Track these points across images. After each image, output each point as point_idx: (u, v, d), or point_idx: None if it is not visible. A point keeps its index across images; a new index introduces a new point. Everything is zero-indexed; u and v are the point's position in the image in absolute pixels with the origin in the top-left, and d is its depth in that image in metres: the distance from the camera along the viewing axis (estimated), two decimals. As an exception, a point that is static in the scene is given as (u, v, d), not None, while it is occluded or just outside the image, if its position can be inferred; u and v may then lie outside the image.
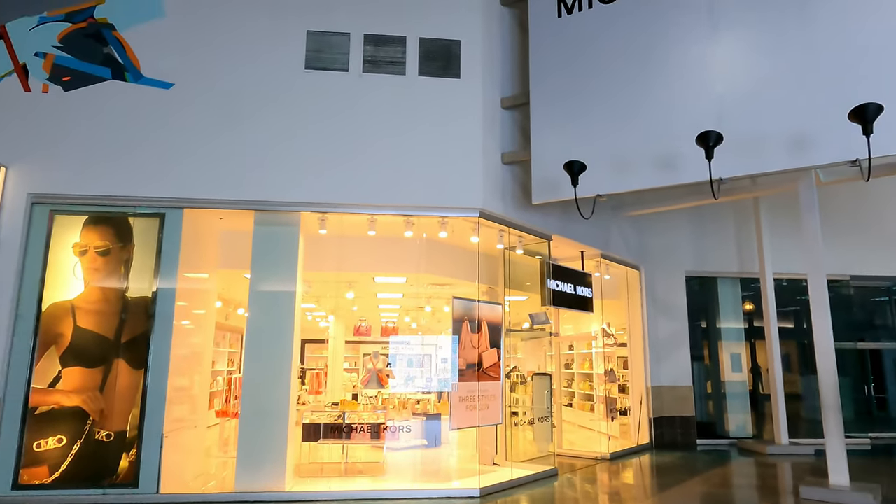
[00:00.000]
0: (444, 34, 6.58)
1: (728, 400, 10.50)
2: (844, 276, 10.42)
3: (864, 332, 12.87)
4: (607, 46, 6.20)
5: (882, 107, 4.30)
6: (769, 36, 5.42)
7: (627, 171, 5.90)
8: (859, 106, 4.33)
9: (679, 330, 9.93)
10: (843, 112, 4.79)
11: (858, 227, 10.37)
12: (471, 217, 6.41)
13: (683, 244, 10.15)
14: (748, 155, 5.36)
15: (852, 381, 13.50)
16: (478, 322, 6.89)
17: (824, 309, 6.24)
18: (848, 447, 6.07)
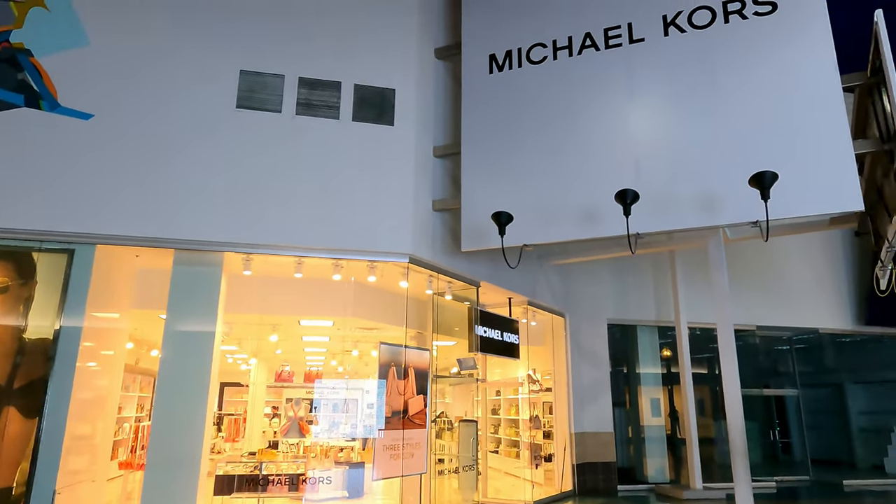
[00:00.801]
0: (380, 82, 6.70)
1: (647, 445, 10.81)
2: (751, 326, 11.11)
3: (770, 378, 13.69)
4: (535, 104, 6.51)
5: (777, 175, 4.73)
6: (682, 105, 5.88)
7: (552, 222, 6.13)
8: (758, 173, 4.74)
9: (601, 376, 10.20)
10: (746, 177, 5.21)
11: (764, 281, 11.15)
12: (400, 262, 6.42)
13: (606, 293, 10.55)
14: (662, 213, 5.70)
15: (759, 426, 14.26)
16: (405, 368, 6.83)
17: (732, 357, 6.62)
18: (755, 490, 6.37)
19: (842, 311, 11.51)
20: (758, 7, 5.76)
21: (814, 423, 15.79)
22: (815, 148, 5.25)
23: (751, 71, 5.63)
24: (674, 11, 6.11)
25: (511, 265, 6.36)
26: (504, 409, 12.60)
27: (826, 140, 5.22)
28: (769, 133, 5.42)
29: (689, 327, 10.43)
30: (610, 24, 6.35)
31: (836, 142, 5.18)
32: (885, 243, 6.17)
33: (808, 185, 5.19)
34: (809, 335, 12.00)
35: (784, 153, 5.30)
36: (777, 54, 5.57)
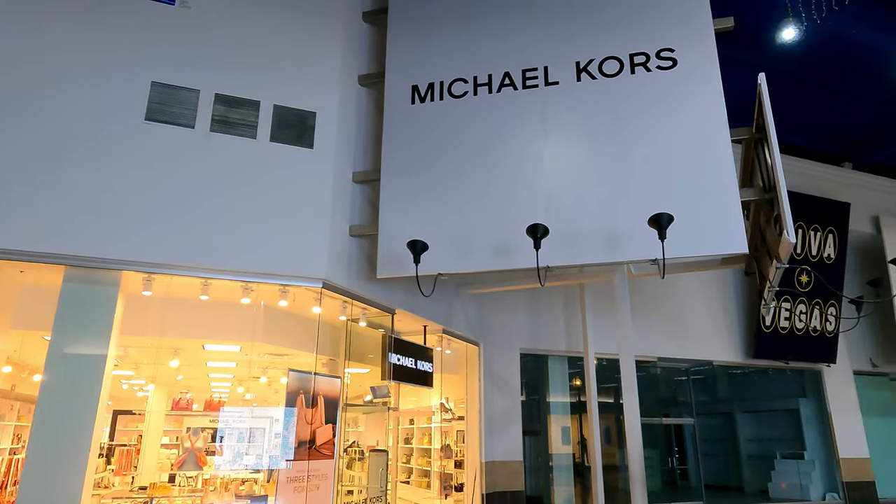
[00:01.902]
0: (301, 104, 6.64)
1: (556, 473, 11.04)
2: (653, 358, 11.71)
3: (669, 408, 14.43)
4: (455, 136, 6.67)
5: (672, 217, 5.08)
6: (591, 146, 6.22)
7: (468, 253, 6.24)
8: (655, 215, 5.08)
9: (513, 405, 10.36)
10: (646, 218, 5.55)
11: (665, 315, 11.83)
12: (313, 287, 6.30)
13: (520, 323, 10.80)
14: (571, 247, 5.96)
15: (660, 453, 14.95)
16: (314, 396, 6.64)
17: (633, 387, 6.94)
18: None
19: (733, 344, 12.37)
20: (660, 62, 6.25)
21: (708, 450, 16.76)
22: (706, 194, 5.70)
23: (652, 119, 6.07)
24: (586, 59, 6.50)
25: (425, 293, 6.39)
26: (417, 438, 12.50)
27: (716, 187, 5.68)
28: (667, 178, 5.83)
29: (598, 357, 10.84)
30: (528, 66, 6.65)
31: (724, 189, 5.65)
32: (766, 283, 6.74)
33: (700, 228, 5.61)
34: (705, 367, 12.79)
35: (679, 197, 5.71)
36: (675, 106, 6.05)
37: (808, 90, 11.19)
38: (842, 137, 13.00)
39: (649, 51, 6.31)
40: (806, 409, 13.29)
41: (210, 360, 8.94)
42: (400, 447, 13.23)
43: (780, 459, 13.53)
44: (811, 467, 12.76)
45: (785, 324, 12.29)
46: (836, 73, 10.62)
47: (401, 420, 13.38)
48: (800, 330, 12.42)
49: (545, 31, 6.76)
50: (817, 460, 12.80)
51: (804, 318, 12.43)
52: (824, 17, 8.95)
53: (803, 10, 7.21)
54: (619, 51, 6.42)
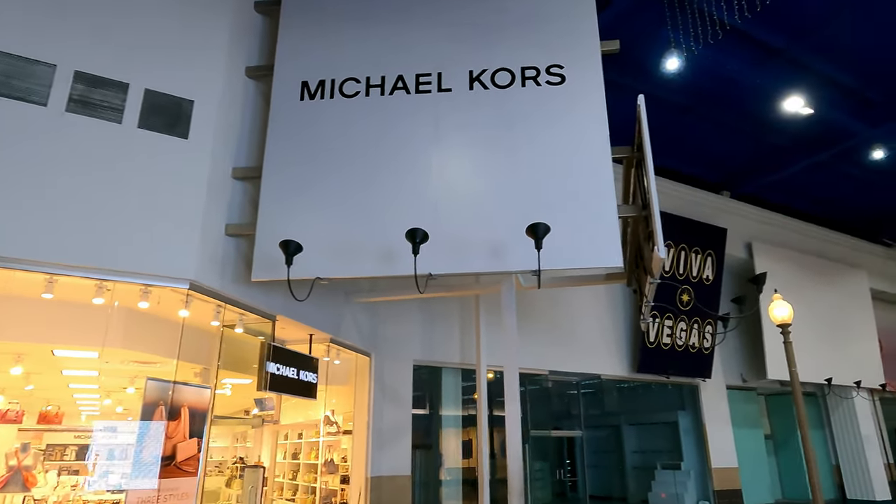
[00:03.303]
0: (177, 91, 6.15)
1: (447, 487, 10.89)
2: (544, 371, 11.91)
3: (561, 420, 14.77)
4: (344, 136, 6.43)
5: (549, 228, 5.12)
6: (479, 155, 6.20)
7: (351, 258, 5.99)
8: (532, 225, 5.10)
9: (403, 418, 10.13)
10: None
11: (558, 328, 12.09)
12: (179, 288, 5.79)
13: (414, 334, 10.62)
14: (456, 255, 5.87)
15: (550, 465, 15.24)
16: (176, 407, 6.09)
17: (515, 399, 6.93)
18: None
19: (620, 359, 12.85)
20: (549, 77, 6.36)
21: (597, 462, 17.33)
22: (586, 208, 5.81)
23: (539, 132, 6.14)
24: (479, 69, 6.50)
25: (298, 298, 6.05)
26: (305, 452, 11.95)
27: (596, 203, 5.81)
28: (550, 191, 5.90)
29: (493, 370, 10.89)
30: (422, 71, 6.56)
31: (603, 205, 5.79)
32: (644, 299, 6.99)
33: (578, 241, 5.71)
34: (594, 380, 13.19)
35: (561, 210, 5.79)
36: (562, 121, 6.16)
37: (693, 121, 11.94)
38: (722, 167, 14.01)
39: (540, 65, 6.41)
40: (684, 421, 14.03)
41: (66, 368, 8.05)
42: (287, 462, 12.61)
43: (660, 470, 14.18)
44: (687, 477, 13.45)
45: (667, 340, 12.95)
46: (718, 106, 11.41)
47: (290, 434, 12.77)
48: (680, 346, 13.13)
49: (442, 37, 6.71)
50: (692, 470, 13.53)
51: (684, 335, 13.17)
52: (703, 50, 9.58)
53: (684, 41, 7.65)
54: (511, 63, 6.48)
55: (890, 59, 10.22)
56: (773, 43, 9.67)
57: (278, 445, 13.25)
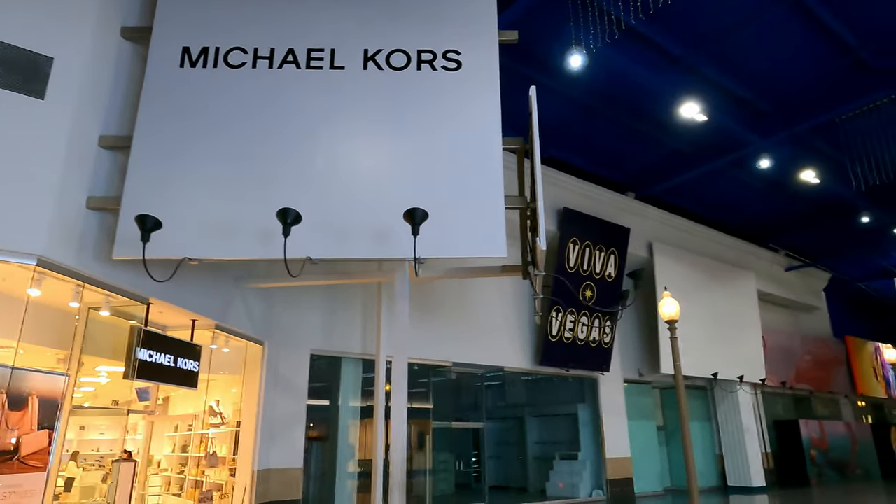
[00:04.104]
0: (34, 45, 5.54)
1: (344, 480, 10.64)
2: (447, 363, 11.88)
3: (465, 412, 14.86)
4: (227, 110, 6.03)
5: (427, 214, 5.00)
6: (368, 137, 5.99)
7: (225, 237, 5.63)
8: (410, 209, 4.96)
9: (297, 409, 9.80)
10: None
11: (464, 320, 12.09)
12: (26, 264, 5.23)
13: (313, 322, 10.29)
14: (338, 239, 5.64)
15: (454, 456, 15.32)
16: (21, 396, 5.52)
17: (402, 390, 6.80)
18: None
19: (524, 352, 13.05)
20: (446, 62, 6.23)
21: (500, 453, 17.62)
22: (474, 197, 5.74)
23: (432, 118, 6.01)
24: (374, 48, 6.28)
25: (158, 279, 5.61)
26: (194, 445, 11.33)
27: (484, 192, 5.75)
28: (439, 177, 5.79)
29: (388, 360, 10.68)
30: (314, 46, 6.26)
31: (491, 195, 5.74)
32: (534, 291, 7.04)
33: (465, 230, 5.63)
34: (497, 373, 13.32)
35: (449, 198, 5.69)
36: (455, 108, 6.06)
37: (601, 122, 12.24)
38: (627, 168, 14.49)
39: (437, 50, 6.27)
40: (584, 413, 14.48)
41: None
42: (176, 455, 11.93)
43: (559, 460, 14.57)
44: (583, 467, 13.89)
45: (569, 334, 13.27)
46: (624, 109, 11.75)
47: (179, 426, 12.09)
48: (581, 341, 13.50)
49: (338, 12, 6.43)
50: (588, 460, 13.98)
51: (586, 329, 13.54)
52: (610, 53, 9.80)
53: (584, 39, 7.76)
54: (408, 45, 6.30)
55: (780, 75, 10.87)
56: (674, 51, 10.03)
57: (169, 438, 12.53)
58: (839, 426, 19.68)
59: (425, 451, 13.55)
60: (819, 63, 10.60)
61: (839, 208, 15.79)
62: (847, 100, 11.04)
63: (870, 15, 9.56)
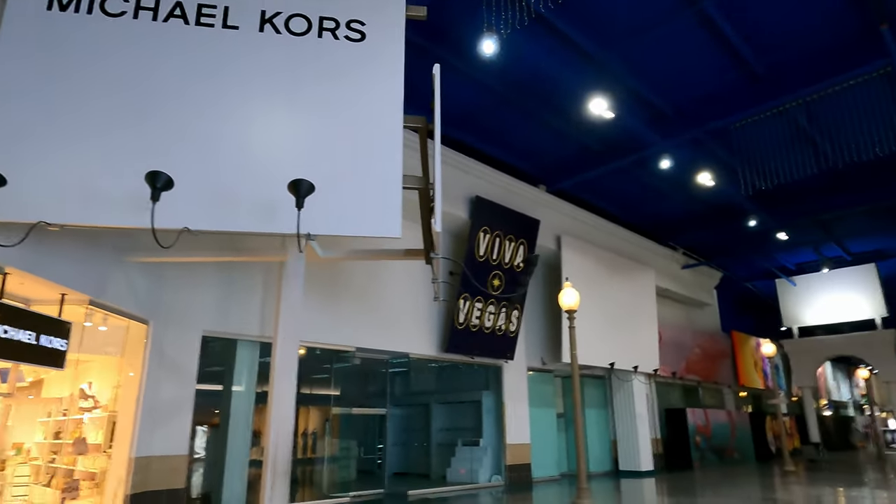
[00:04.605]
0: None
1: (234, 468, 10.15)
2: (351, 348, 11.63)
3: (370, 399, 14.69)
4: (98, 61, 5.45)
5: (314, 186, 4.74)
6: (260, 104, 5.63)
7: (91, 202, 5.09)
8: (295, 180, 4.68)
9: (185, 394, 9.22)
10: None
11: (368, 305, 11.85)
12: None
13: (206, 301, 9.71)
14: (221, 210, 5.26)
15: (358, 444, 15.13)
16: None
17: (289, 374, 6.51)
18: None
19: (430, 339, 13.00)
20: (349, 32, 5.96)
21: (405, 439, 17.61)
22: (371, 175, 5.54)
23: (331, 89, 5.73)
24: (273, 10, 5.90)
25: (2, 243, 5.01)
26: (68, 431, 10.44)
27: (381, 170, 5.55)
28: (336, 152, 5.53)
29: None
30: (206, 1, 5.78)
31: (388, 173, 5.55)
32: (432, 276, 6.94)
33: (359, 208, 5.42)
34: (403, 359, 13.21)
35: (344, 173, 5.46)
36: (356, 80, 5.80)
37: (515, 112, 12.34)
38: (541, 161, 14.76)
39: (340, 18, 5.98)
40: (487, 400, 14.68)
41: None
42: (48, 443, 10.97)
43: (461, 447, 14.72)
44: (484, 453, 14.10)
45: (476, 322, 13.37)
46: (538, 101, 11.89)
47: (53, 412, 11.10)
48: (488, 328, 13.64)
49: (235, -32, 5.97)
50: (490, 447, 14.21)
51: (493, 317, 13.69)
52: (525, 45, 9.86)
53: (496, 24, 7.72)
54: (309, 10, 5.97)
55: (682, 80, 11.39)
56: (587, 47, 10.23)
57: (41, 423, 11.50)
58: (721, 414, 21.20)
59: (325, 439, 13.27)
60: (718, 72, 11.20)
61: (730, 211, 16.90)
62: (741, 108, 11.74)
63: (764, 33, 10.19)
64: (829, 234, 18.89)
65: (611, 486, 14.02)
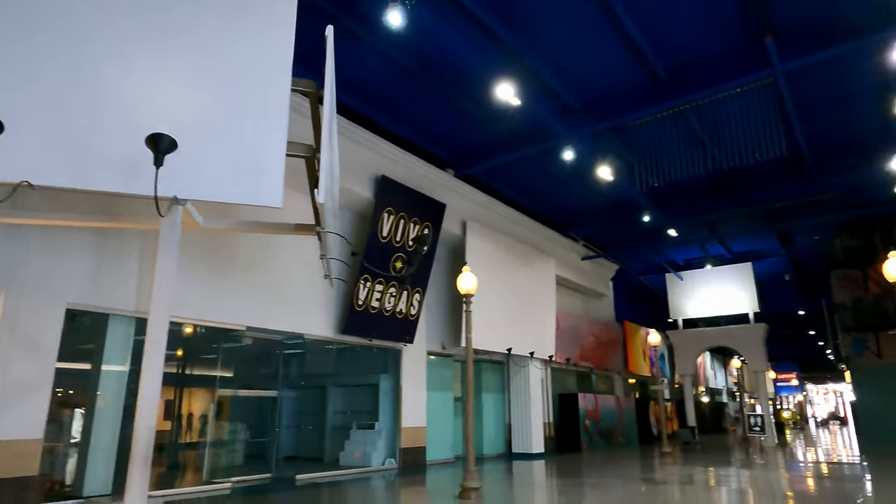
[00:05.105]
0: None
1: (98, 453, 9.33)
2: (241, 326, 11.02)
3: (261, 381, 14.08)
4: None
5: (176, 143, 4.29)
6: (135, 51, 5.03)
7: None
8: (155, 134, 4.21)
9: (42, 372, 8.31)
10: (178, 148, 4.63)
11: (260, 282, 11.26)
12: None
13: (74, 271, 8.80)
14: (75, 166, 4.66)
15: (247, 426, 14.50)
16: None
17: (158, 352, 5.96)
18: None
19: (327, 320, 12.61)
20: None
21: (301, 422, 17.12)
22: (252, 139, 5.13)
23: (212, 41, 5.24)
24: (147, -54, 5.28)
25: None
26: None
27: (264, 134, 5.15)
28: (212, 108, 5.06)
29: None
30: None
31: (272, 137, 5.15)
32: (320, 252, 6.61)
33: (236, 173, 5.00)
34: (298, 340, 12.74)
35: (221, 135, 5.01)
36: (241, 35, 5.34)
37: (425, 92, 12.11)
38: (450, 145, 14.67)
39: (226, -38, 5.46)
40: (385, 384, 14.51)
41: None
42: None
43: (356, 430, 14.49)
44: (378, 436, 13.95)
45: (376, 304, 13.12)
46: (448, 82, 11.73)
47: None
48: (388, 311, 13.44)
49: None
50: (385, 430, 14.07)
51: (393, 300, 13.50)
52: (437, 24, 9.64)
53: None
54: (192, -48, 5.40)
55: (587, 72, 11.63)
56: (498, 31, 10.16)
57: None
58: (610, 400, 22.33)
59: (208, 422, 12.58)
60: (621, 68, 11.52)
61: (627, 206, 17.67)
62: (640, 107, 12.18)
63: (666, 34, 10.56)
64: (713, 233, 20.25)
65: (502, 467, 14.34)
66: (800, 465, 15.21)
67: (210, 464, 11.40)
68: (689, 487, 10.43)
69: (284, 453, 15.99)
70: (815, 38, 10.15)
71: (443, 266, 15.72)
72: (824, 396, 66.26)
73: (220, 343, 11.74)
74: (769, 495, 9.66)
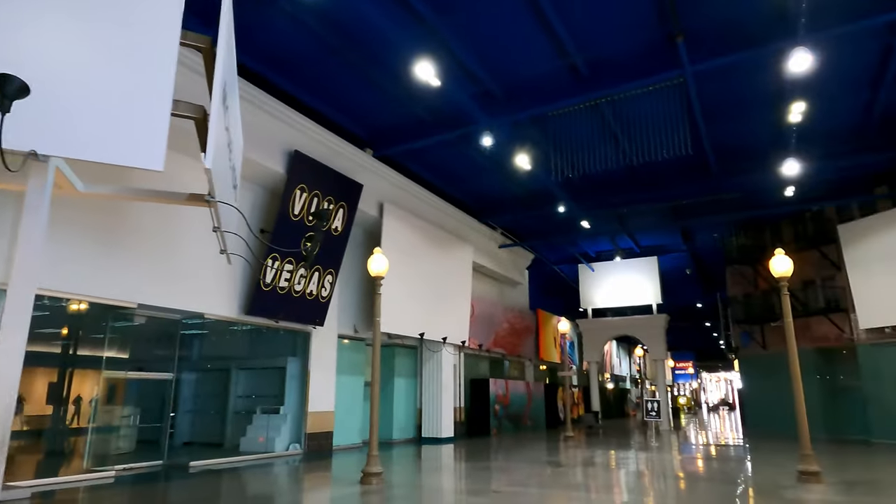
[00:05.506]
0: None
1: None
2: (132, 303, 10.22)
3: (156, 363, 13.19)
4: None
5: (28, 88, 3.74)
6: None
7: None
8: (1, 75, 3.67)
9: None
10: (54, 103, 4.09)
11: (157, 257, 10.49)
12: None
13: (-73, 236, 7.79)
14: None
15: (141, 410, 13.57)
16: None
17: (20, 330, 5.34)
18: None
19: (231, 300, 11.98)
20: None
21: (201, 406, 16.27)
22: (133, 93, 4.63)
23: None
24: None
25: None
26: None
27: (147, 89, 4.66)
28: (86, 57, 4.51)
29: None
30: None
31: (155, 94, 4.67)
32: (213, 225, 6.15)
33: (112, 130, 4.50)
34: (198, 320, 12.03)
35: (95, 85, 4.47)
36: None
37: (343, 65, 11.65)
38: (369, 124, 14.27)
39: None
40: (293, 367, 14.02)
41: None
42: None
43: (259, 415, 13.94)
44: (283, 421, 13.49)
45: (284, 284, 12.61)
46: (367, 58, 11.33)
47: None
48: (297, 292, 12.96)
49: None
50: (290, 415, 13.62)
51: (303, 281, 13.03)
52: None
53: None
54: None
55: (508, 59, 11.59)
56: (420, 8, 9.88)
57: None
58: (520, 385, 22.87)
59: (96, 406, 11.67)
60: (541, 58, 11.57)
61: (544, 196, 17.98)
62: (559, 98, 12.32)
63: (588, 28, 10.67)
64: (623, 226, 21.05)
65: (409, 452, 14.29)
66: (691, 447, 16.20)
67: (94, 450, 10.57)
68: (591, 469, 10.81)
69: (182, 439, 15.17)
70: (721, 43, 10.61)
71: (358, 248, 15.37)
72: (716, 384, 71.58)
73: (107, 321, 10.85)
74: (661, 475, 10.17)
